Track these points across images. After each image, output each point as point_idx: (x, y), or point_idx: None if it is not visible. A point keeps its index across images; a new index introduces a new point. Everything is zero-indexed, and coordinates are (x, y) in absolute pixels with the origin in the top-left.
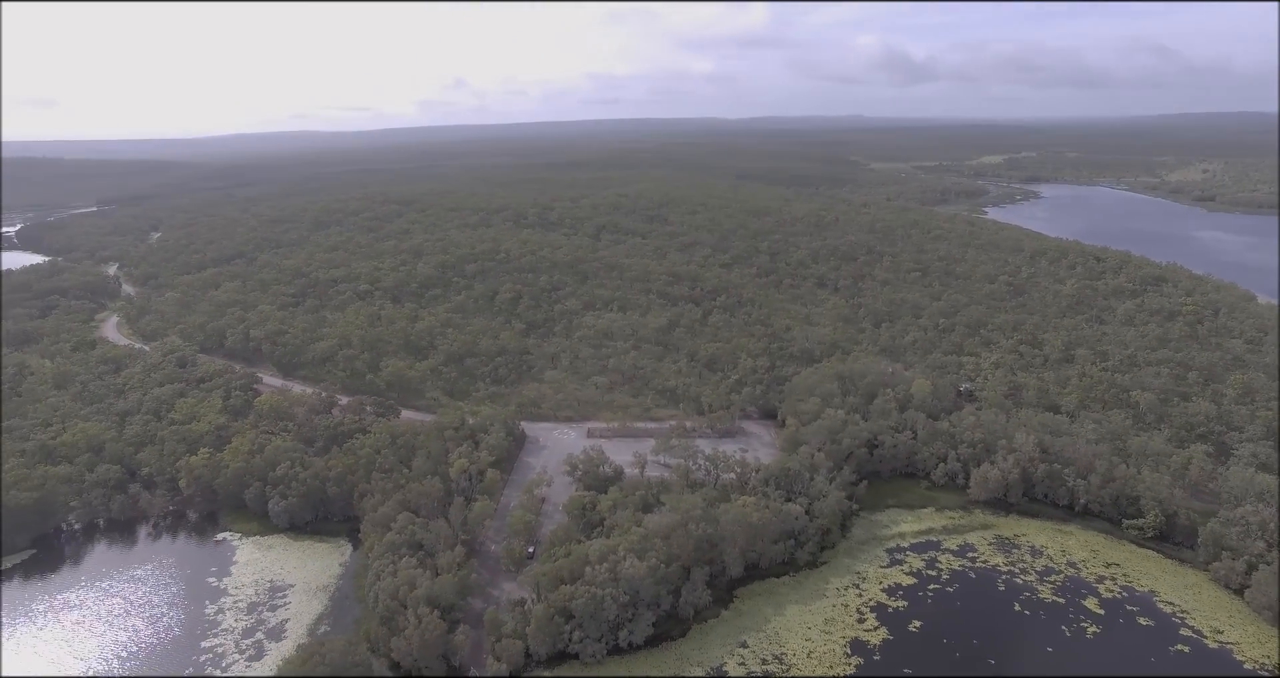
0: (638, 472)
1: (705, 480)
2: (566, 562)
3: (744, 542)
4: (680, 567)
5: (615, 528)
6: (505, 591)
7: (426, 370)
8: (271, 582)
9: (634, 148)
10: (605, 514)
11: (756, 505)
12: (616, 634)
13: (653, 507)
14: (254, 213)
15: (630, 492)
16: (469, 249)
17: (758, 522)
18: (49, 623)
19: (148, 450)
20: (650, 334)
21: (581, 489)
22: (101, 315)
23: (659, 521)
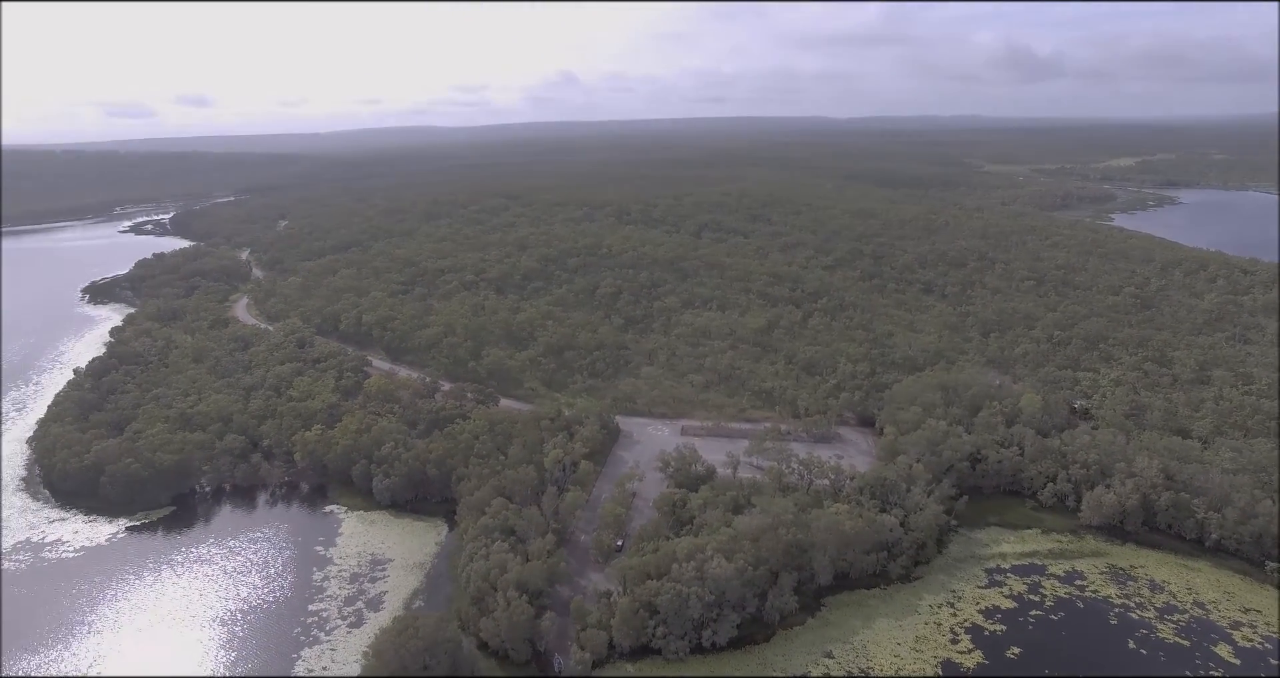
0: (730, 472)
1: (798, 485)
2: (654, 557)
3: (835, 550)
4: (768, 570)
5: (704, 527)
6: (592, 581)
7: (526, 361)
8: (373, 555)
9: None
10: (695, 513)
11: (849, 514)
12: (700, 633)
13: (743, 508)
14: (370, 204)
15: (721, 492)
16: (572, 243)
17: (850, 530)
18: (185, 573)
19: (268, 424)
20: (748, 334)
21: (673, 486)
22: (234, 297)
23: (749, 522)
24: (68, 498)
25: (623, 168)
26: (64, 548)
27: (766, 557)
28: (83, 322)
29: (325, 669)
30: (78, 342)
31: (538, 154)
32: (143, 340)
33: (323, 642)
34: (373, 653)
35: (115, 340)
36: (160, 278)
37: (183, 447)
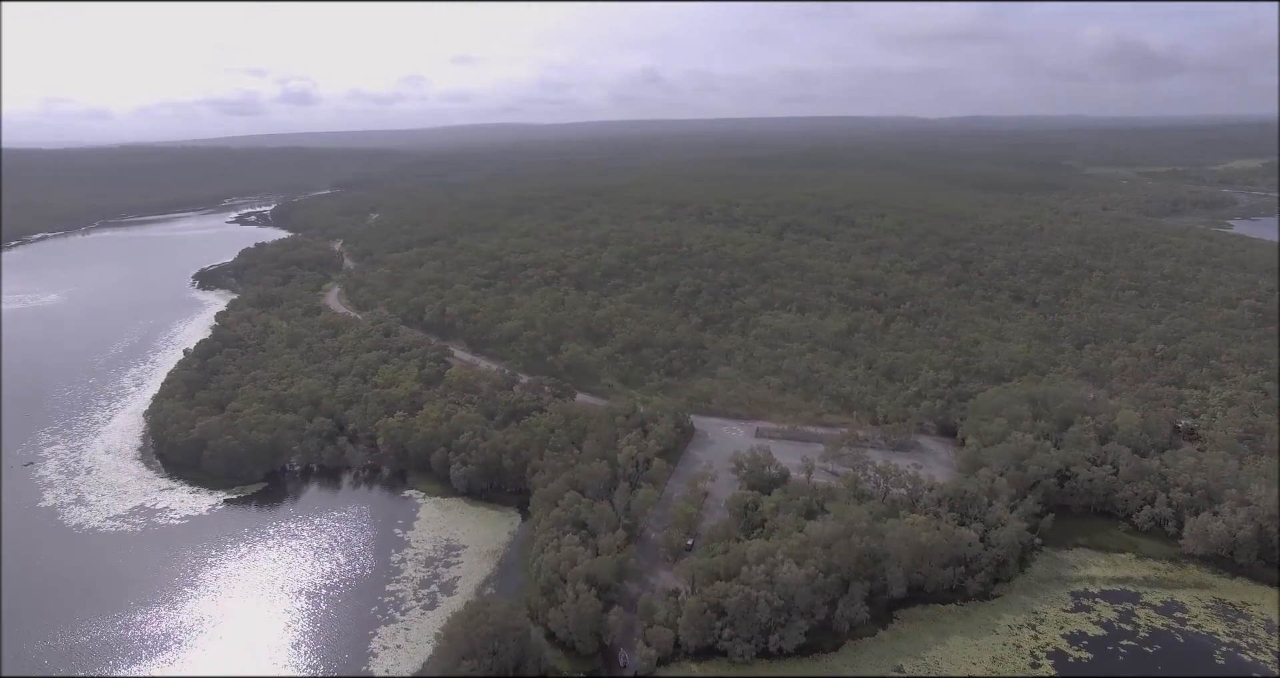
0: (804, 476)
1: (873, 493)
2: (724, 559)
3: (909, 562)
4: (839, 578)
5: (776, 531)
6: (661, 579)
7: (603, 357)
8: (448, 541)
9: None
10: (767, 516)
11: (926, 525)
12: (767, 638)
13: (816, 514)
14: (457, 199)
15: (794, 496)
16: (652, 241)
17: (926, 542)
18: (276, 546)
19: (354, 409)
20: (828, 338)
21: (745, 488)
22: (327, 286)
23: (821, 528)
24: (176, 469)
25: (705, 167)
26: (171, 515)
27: (838, 565)
28: (193, 306)
29: (399, 648)
30: (188, 324)
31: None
32: (243, 325)
33: (398, 621)
34: (444, 635)
35: (220, 324)
36: (261, 266)
37: (275, 427)
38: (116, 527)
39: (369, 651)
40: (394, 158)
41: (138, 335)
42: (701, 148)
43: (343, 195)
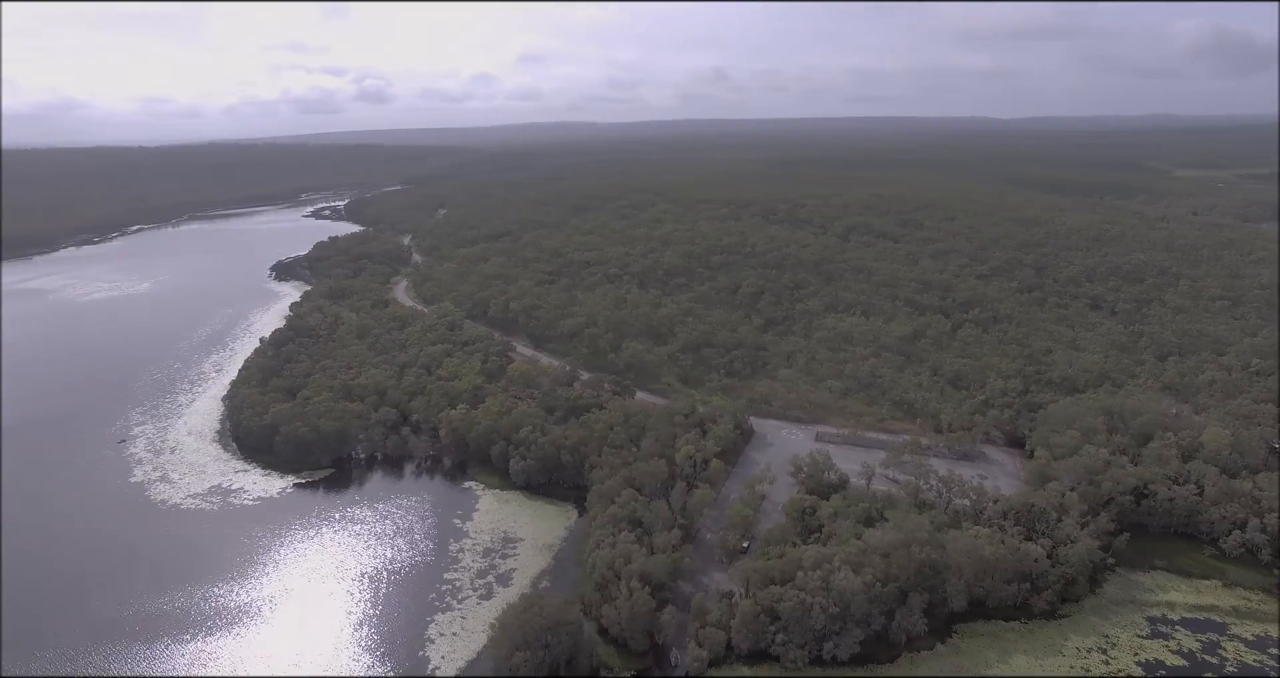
0: (864, 483)
1: (935, 503)
2: (779, 562)
3: (971, 575)
4: (897, 589)
5: (833, 537)
6: (715, 580)
7: (664, 356)
8: (505, 533)
9: (894, 147)
10: (825, 521)
11: (990, 538)
12: (821, 645)
13: (875, 521)
14: (523, 196)
15: (854, 502)
16: (716, 241)
17: (990, 556)
18: (341, 530)
19: (418, 400)
20: (892, 342)
21: (803, 492)
22: (395, 279)
23: (880, 536)
24: (250, 452)
25: (771, 166)
26: (245, 496)
27: (897, 574)
28: (269, 296)
29: (455, 635)
30: (265, 314)
31: (686, 151)
32: (315, 316)
33: (455, 609)
34: (499, 626)
35: (293, 315)
36: (333, 259)
37: (343, 415)
38: (196, 504)
39: (426, 636)
40: (463, 155)
41: (219, 323)
42: (767, 147)
43: (413, 191)
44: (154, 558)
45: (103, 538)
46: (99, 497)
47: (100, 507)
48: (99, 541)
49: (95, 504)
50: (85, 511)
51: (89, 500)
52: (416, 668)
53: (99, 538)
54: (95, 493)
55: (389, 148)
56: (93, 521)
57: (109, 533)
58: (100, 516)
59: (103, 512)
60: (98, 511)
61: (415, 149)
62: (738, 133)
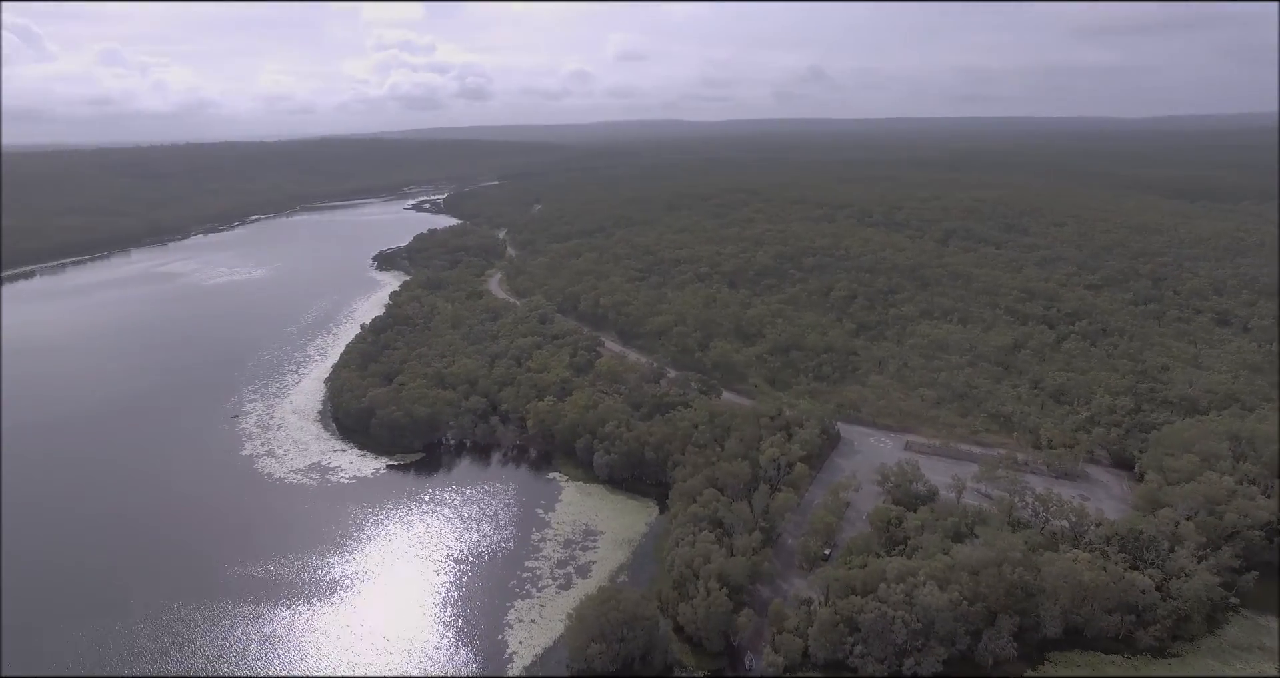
0: (954, 496)
1: (1031, 522)
2: (862, 573)
3: (1068, 601)
4: (985, 608)
5: (919, 550)
6: (794, 586)
7: (752, 357)
8: (586, 525)
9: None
10: (911, 533)
11: (1091, 563)
12: (901, 660)
13: (964, 537)
14: (616, 193)
15: (942, 515)
16: (808, 242)
17: (1090, 582)
18: (429, 512)
19: (507, 391)
20: (990, 352)
21: (890, 502)
22: (489, 272)
23: (969, 553)
24: (348, 433)
25: (868, 168)
26: (342, 475)
27: (985, 593)
28: (371, 284)
29: (533, 622)
30: (366, 301)
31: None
32: (413, 305)
33: (534, 597)
34: (576, 616)
35: (392, 303)
36: (431, 251)
37: (435, 402)
38: (297, 479)
39: (505, 621)
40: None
41: (324, 309)
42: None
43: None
44: (259, 527)
45: (216, 506)
46: (215, 467)
47: (215, 477)
48: (213, 508)
49: (211, 474)
50: (203, 479)
51: (206, 470)
52: (495, 651)
53: (213, 506)
54: (212, 464)
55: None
56: (209, 489)
57: (221, 502)
58: (215, 485)
59: (217, 482)
60: (213, 480)
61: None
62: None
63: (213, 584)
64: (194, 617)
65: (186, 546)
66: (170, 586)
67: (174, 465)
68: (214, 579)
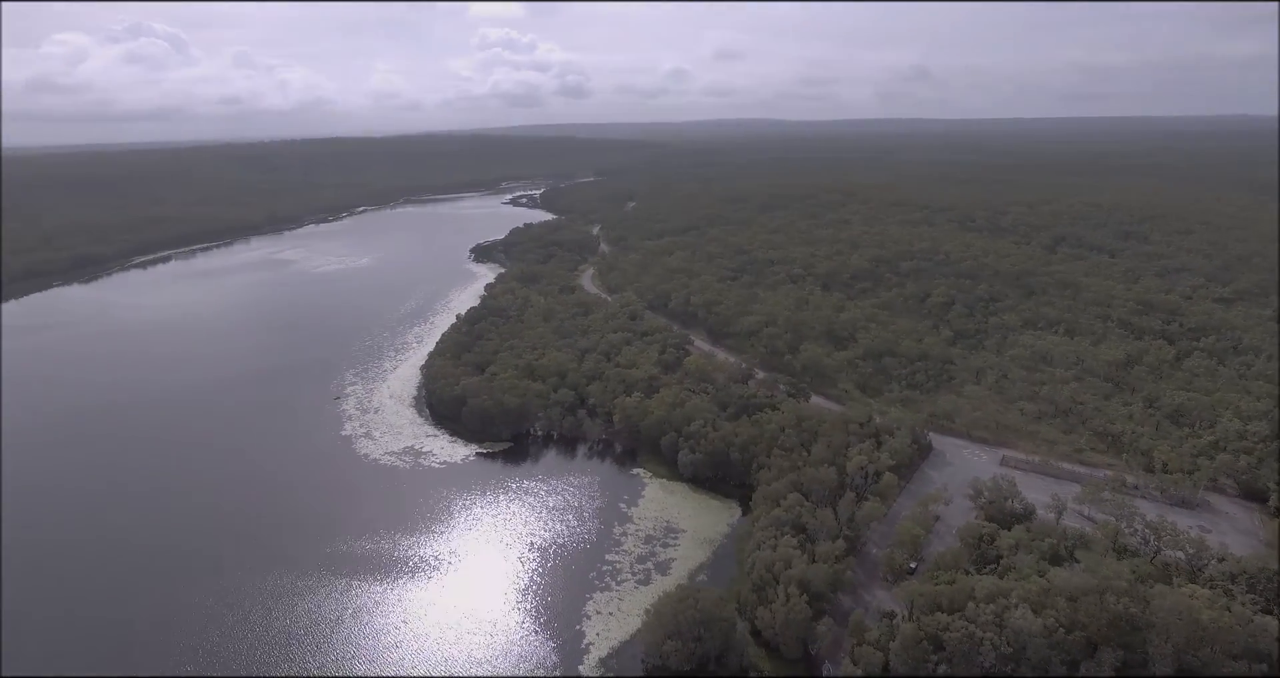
0: (1052, 517)
1: (1139, 550)
2: (949, 589)
3: (1182, 639)
4: (1084, 639)
5: (1012, 571)
6: (877, 597)
7: (843, 361)
8: (668, 522)
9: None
10: (1003, 552)
11: (1211, 601)
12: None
13: (1063, 560)
14: (710, 191)
15: (1039, 536)
16: (906, 246)
17: (1209, 622)
18: (515, 500)
19: (595, 385)
20: (1100, 367)
21: (982, 518)
22: (582, 267)
23: (1068, 578)
24: (440, 419)
25: (972, 169)
26: (433, 459)
27: (1085, 622)
28: (467, 276)
29: (611, 615)
30: (462, 292)
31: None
32: (507, 297)
33: (612, 590)
34: (653, 613)
35: (487, 295)
36: (526, 245)
37: (525, 393)
38: (391, 461)
39: (583, 612)
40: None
41: (422, 298)
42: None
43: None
44: (354, 505)
45: (317, 481)
46: (317, 445)
47: (317, 454)
48: (314, 483)
49: (314, 451)
50: (306, 456)
51: (309, 447)
52: (572, 641)
53: (314, 481)
54: (315, 442)
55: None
56: (311, 465)
57: (322, 478)
58: (317, 462)
59: (319, 459)
60: (315, 457)
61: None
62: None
63: (312, 555)
64: (294, 584)
65: (289, 517)
66: (273, 554)
67: (282, 441)
68: (312, 551)
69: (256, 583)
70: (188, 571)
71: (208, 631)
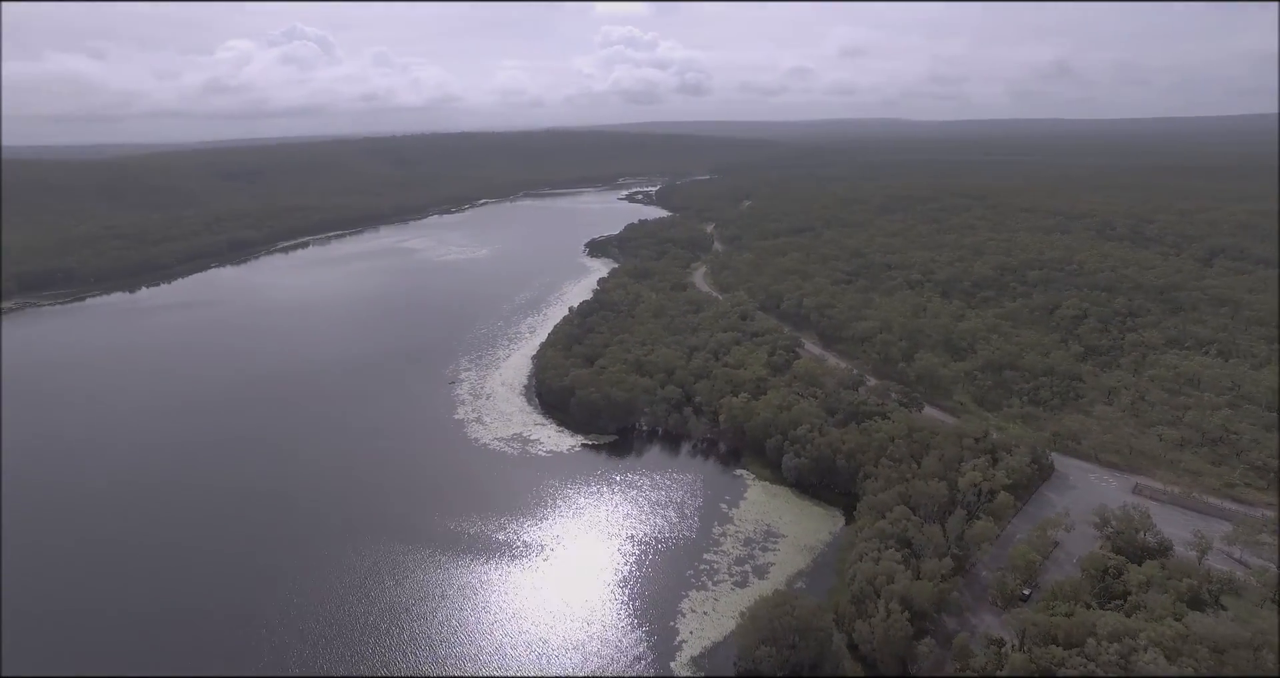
0: (1193, 555)
1: None
2: (1066, 622)
3: None
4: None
5: (1141, 610)
6: (984, 622)
7: (960, 372)
8: (768, 526)
9: None
10: (1132, 589)
11: None
12: None
13: (1205, 605)
14: (828, 192)
15: (1176, 575)
16: (1035, 254)
17: None
18: (618, 492)
19: (702, 383)
20: (1260, 394)
21: (1108, 549)
22: (694, 265)
23: (1212, 626)
24: (549, 409)
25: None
26: (540, 447)
27: None
28: (581, 270)
29: (705, 615)
30: (575, 285)
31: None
32: (619, 292)
33: (709, 589)
34: (749, 616)
35: (599, 289)
36: (640, 241)
37: (632, 388)
38: (500, 447)
39: (678, 609)
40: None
41: (537, 290)
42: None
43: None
44: (464, 485)
45: (430, 461)
46: (432, 427)
47: (431, 435)
48: (427, 462)
49: (428, 432)
50: (421, 436)
51: (425, 428)
52: (666, 637)
53: (427, 460)
54: (430, 423)
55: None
56: (425, 445)
57: (434, 458)
58: (431, 442)
59: (433, 439)
60: (430, 438)
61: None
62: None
63: (423, 531)
64: (407, 557)
65: (403, 492)
66: (388, 526)
67: (399, 420)
68: (426, 526)
69: (373, 553)
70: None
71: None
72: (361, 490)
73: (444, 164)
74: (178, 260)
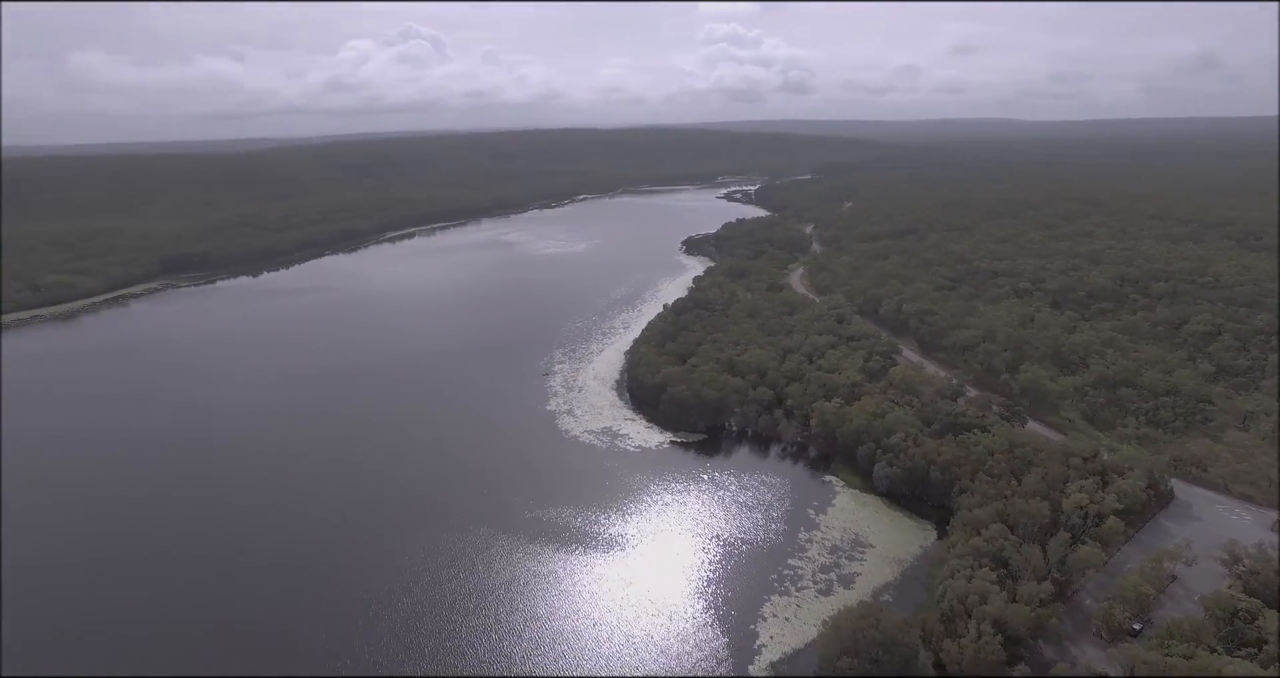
0: None
1: None
2: (1185, 665)
3: None
4: None
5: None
6: (1086, 655)
7: (1069, 387)
8: (856, 535)
9: None
10: (1267, 637)
11: None
12: None
13: None
14: (933, 195)
15: None
16: (1161, 265)
17: None
18: (705, 491)
19: (794, 386)
20: None
21: (1238, 589)
22: (792, 266)
23: None
24: (639, 404)
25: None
26: (629, 442)
27: None
28: (677, 267)
29: (787, 620)
30: (671, 283)
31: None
32: (714, 291)
33: (792, 596)
34: (832, 626)
35: (695, 287)
36: (736, 240)
37: (723, 388)
38: (589, 440)
39: (759, 613)
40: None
41: (632, 286)
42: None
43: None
44: (553, 475)
45: (521, 449)
46: (525, 416)
47: (524, 424)
48: (519, 451)
49: (521, 422)
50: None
51: (518, 417)
52: (745, 639)
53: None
54: (523, 413)
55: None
56: (518, 434)
57: (526, 446)
58: (523, 431)
59: (525, 428)
60: (522, 427)
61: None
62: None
63: (514, 517)
64: (495, 543)
65: (496, 479)
66: (480, 512)
67: (494, 409)
68: (516, 513)
69: (466, 537)
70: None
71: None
72: (452, 474)
73: (546, 159)
74: (295, 248)
